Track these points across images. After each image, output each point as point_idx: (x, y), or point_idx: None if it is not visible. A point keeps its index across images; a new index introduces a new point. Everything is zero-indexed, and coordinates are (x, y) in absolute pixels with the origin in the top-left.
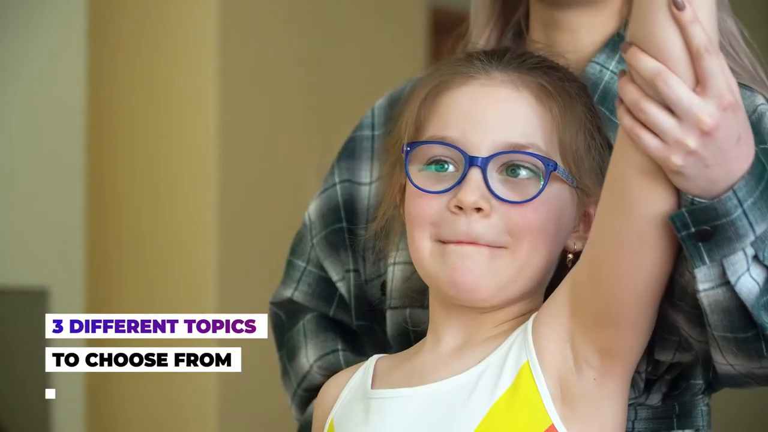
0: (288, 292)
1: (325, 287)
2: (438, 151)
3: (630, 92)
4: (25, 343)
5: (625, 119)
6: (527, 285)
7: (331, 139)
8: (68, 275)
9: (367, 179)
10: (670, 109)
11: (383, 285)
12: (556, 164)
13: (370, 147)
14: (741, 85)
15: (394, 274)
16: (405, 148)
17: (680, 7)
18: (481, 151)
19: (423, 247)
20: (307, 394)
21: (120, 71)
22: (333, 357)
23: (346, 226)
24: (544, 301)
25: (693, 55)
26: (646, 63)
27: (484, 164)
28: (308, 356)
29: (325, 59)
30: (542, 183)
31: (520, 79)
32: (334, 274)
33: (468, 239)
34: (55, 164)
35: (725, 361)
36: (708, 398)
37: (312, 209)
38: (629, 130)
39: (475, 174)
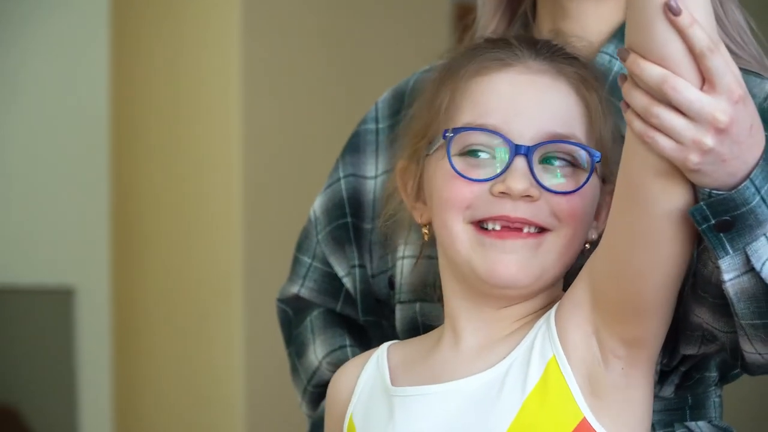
0: (294, 289)
1: (331, 283)
2: (477, 137)
3: (638, 98)
4: (52, 342)
5: (635, 123)
6: (561, 272)
7: None
8: (94, 274)
9: (373, 173)
10: (679, 110)
11: (391, 279)
12: (600, 154)
13: (375, 140)
14: (751, 72)
15: (403, 268)
16: (447, 134)
17: (676, 12)
18: (525, 140)
19: (457, 231)
20: (318, 390)
21: (143, 69)
22: (341, 353)
23: (351, 220)
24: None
25: (696, 57)
26: (650, 71)
27: (529, 153)
28: (317, 353)
29: (349, 54)
30: (588, 173)
31: (557, 68)
32: (340, 270)
33: (515, 216)
34: (79, 162)
35: (754, 350)
36: (720, 389)
37: (317, 205)
38: (642, 134)
39: (520, 162)
